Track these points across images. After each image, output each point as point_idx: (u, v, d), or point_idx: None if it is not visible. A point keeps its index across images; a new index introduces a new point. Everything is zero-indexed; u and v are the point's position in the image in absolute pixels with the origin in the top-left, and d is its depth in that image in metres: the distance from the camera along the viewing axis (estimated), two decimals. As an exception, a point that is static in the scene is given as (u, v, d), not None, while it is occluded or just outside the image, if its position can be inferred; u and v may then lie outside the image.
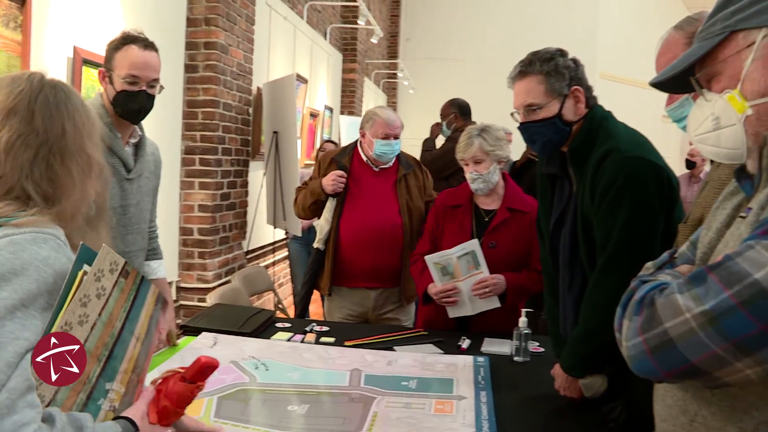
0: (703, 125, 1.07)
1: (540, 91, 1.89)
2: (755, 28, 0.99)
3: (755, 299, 0.82)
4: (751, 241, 0.86)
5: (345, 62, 8.51)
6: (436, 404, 1.87)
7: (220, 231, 4.33)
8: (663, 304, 0.90)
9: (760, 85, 0.98)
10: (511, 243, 2.66)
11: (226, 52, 4.26)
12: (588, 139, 1.87)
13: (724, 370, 0.86)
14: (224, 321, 2.54)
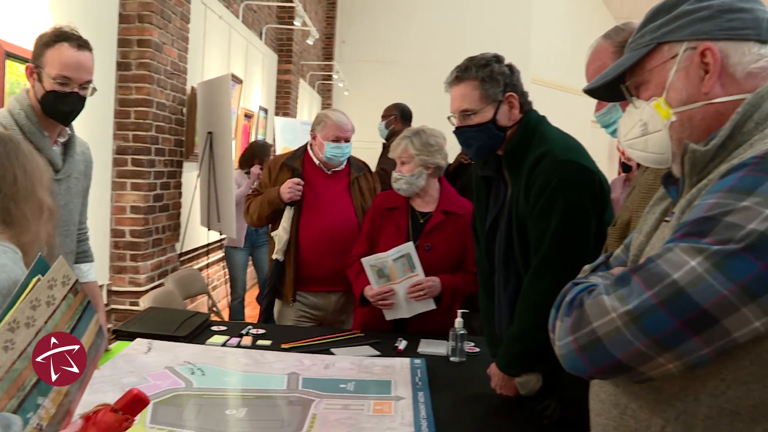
0: (632, 131, 1.13)
1: (475, 96, 1.93)
2: (678, 41, 1.05)
3: (673, 298, 0.86)
4: (670, 244, 0.91)
5: (280, 63, 8.44)
6: (374, 405, 1.88)
7: (153, 233, 4.24)
8: (591, 305, 0.94)
9: (683, 94, 1.04)
10: (446, 245, 2.70)
11: (160, 50, 4.17)
12: (523, 143, 1.91)
13: (648, 365, 0.90)
14: (158, 325, 2.49)
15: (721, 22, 1.02)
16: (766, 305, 0.84)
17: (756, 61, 1.02)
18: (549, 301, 1.11)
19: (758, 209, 0.85)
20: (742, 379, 0.89)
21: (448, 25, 11.61)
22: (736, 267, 0.84)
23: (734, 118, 0.99)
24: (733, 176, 0.90)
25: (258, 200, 3.15)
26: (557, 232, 1.78)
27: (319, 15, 11.10)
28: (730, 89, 1.02)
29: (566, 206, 1.78)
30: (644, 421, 0.98)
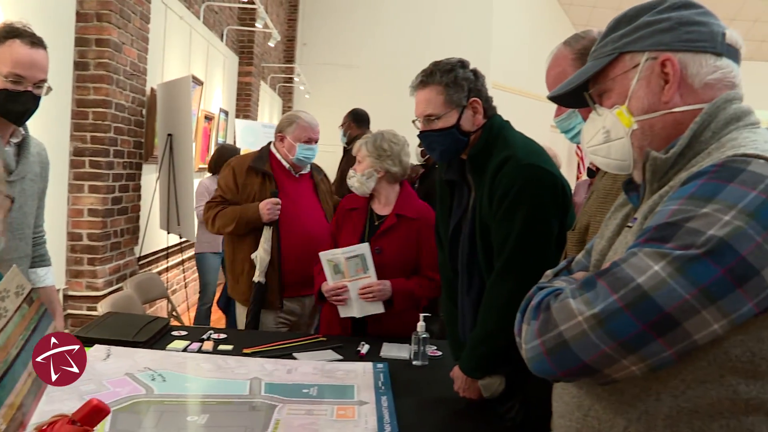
0: (595, 138, 1.16)
1: (439, 101, 1.95)
2: (640, 51, 1.09)
3: (638, 302, 0.89)
4: (634, 249, 0.94)
5: (241, 65, 8.37)
6: (338, 410, 1.88)
7: (112, 236, 4.16)
8: (558, 309, 0.97)
9: (644, 103, 1.08)
10: (398, 249, 2.71)
11: (119, 50, 4.10)
12: (487, 147, 1.94)
13: (613, 367, 0.93)
14: (117, 330, 2.45)
15: (680, 34, 1.06)
16: (724, 308, 0.87)
17: (712, 72, 1.06)
18: (512, 303, 1.12)
19: (717, 216, 0.88)
20: (700, 379, 0.92)
21: (409, 30, 11.67)
22: (697, 271, 0.87)
23: (692, 128, 1.02)
24: (694, 183, 0.93)
25: (229, 215, 3.02)
26: (520, 235, 1.80)
27: (280, 17, 11.05)
28: (688, 99, 1.06)
29: (529, 210, 1.80)
30: (607, 422, 1.00)
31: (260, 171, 3.06)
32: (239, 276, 3.09)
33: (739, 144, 0.98)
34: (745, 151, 0.94)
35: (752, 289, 0.87)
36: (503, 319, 1.48)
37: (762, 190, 0.88)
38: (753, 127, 1.04)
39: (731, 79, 1.07)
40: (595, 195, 1.63)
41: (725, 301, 0.87)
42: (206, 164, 6.54)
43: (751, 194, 0.88)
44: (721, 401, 0.92)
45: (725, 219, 0.87)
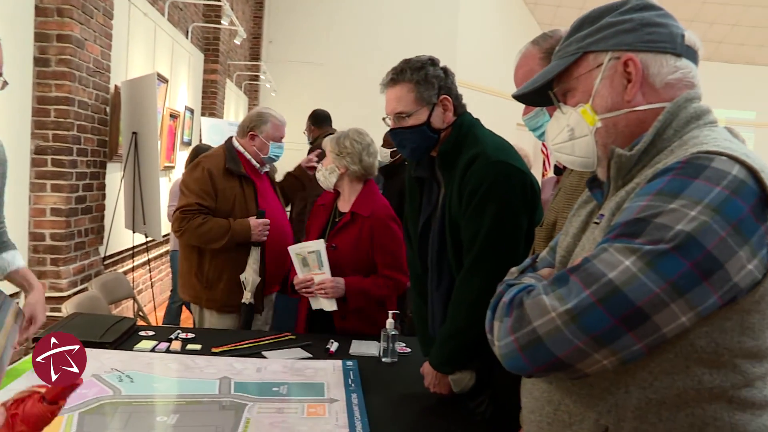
0: (560, 135, 1.18)
1: (410, 99, 1.97)
2: (603, 51, 1.11)
3: (610, 296, 0.92)
4: (604, 245, 0.96)
5: (207, 63, 8.28)
6: (308, 408, 1.89)
7: (75, 236, 4.08)
8: (531, 305, 0.98)
9: (607, 101, 1.11)
10: (352, 246, 2.74)
11: (81, 46, 4.02)
12: (456, 144, 1.96)
13: (585, 362, 0.95)
14: (83, 331, 2.41)
15: (642, 34, 1.09)
16: (691, 301, 0.90)
17: (672, 72, 1.09)
18: (481, 299, 1.14)
19: (684, 211, 0.91)
20: (667, 371, 0.95)
21: (375, 28, 11.68)
22: (666, 266, 0.90)
23: (656, 126, 1.06)
24: (661, 180, 0.96)
25: (216, 231, 2.90)
26: (489, 231, 1.82)
27: (246, 14, 10.96)
28: (650, 98, 1.09)
29: (498, 206, 1.82)
30: (578, 415, 1.03)
31: (237, 173, 3.00)
32: (214, 282, 2.98)
33: (700, 141, 1.01)
34: (707, 149, 0.97)
35: (717, 282, 0.90)
36: (473, 315, 1.50)
37: (725, 186, 0.91)
38: (712, 126, 1.08)
39: (690, 79, 1.11)
40: (562, 192, 1.66)
41: (692, 294, 0.90)
42: (171, 162, 6.49)
43: (715, 190, 0.91)
44: (687, 391, 0.95)
45: (692, 214, 0.90)
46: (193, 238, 2.93)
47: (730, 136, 1.06)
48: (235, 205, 2.97)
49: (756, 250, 0.91)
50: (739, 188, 0.92)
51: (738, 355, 0.95)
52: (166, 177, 6.33)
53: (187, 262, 3.05)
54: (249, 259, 2.96)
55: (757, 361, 0.97)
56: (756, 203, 0.92)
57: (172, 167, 6.60)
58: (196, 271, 3.01)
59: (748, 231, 0.91)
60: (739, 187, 0.92)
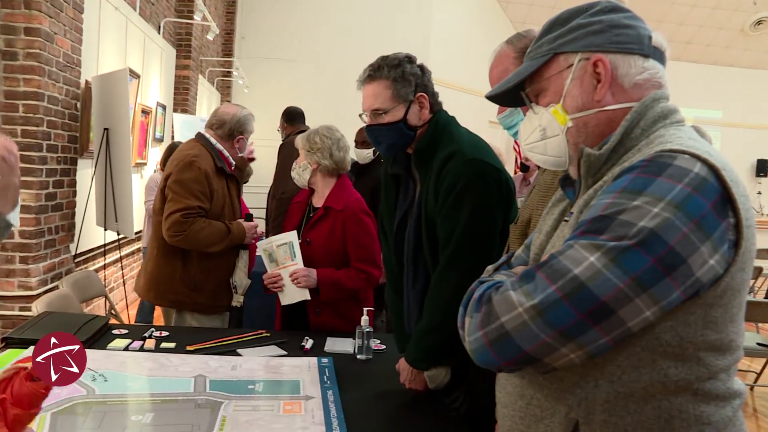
0: (532, 135, 1.21)
1: (387, 96, 1.98)
2: (573, 52, 1.14)
3: (575, 292, 0.94)
4: (570, 241, 0.98)
5: (179, 58, 8.19)
6: (284, 405, 1.89)
7: (46, 234, 4.03)
8: (499, 301, 1.00)
9: (578, 101, 1.13)
10: (324, 240, 2.78)
11: (51, 40, 3.96)
12: (432, 142, 1.97)
13: (553, 356, 0.97)
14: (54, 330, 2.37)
15: (611, 36, 1.12)
16: (655, 296, 0.93)
17: (640, 73, 1.12)
18: (458, 295, 1.16)
19: (647, 208, 0.93)
20: (634, 365, 0.98)
21: (348, 24, 11.65)
22: (629, 261, 0.92)
23: (624, 125, 1.08)
24: (625, 178, 0.99)
25: (217, 235, 2.88)
26: (465, 229, 1.84)
27: (218, 10, 10.87)
28: (619, 98, 1.12)
29: (474, 204, 1.84)
30: (549, 409, 1.05)
31: (225, 173, 3.03)
32: (202, 285, 2.94)
33: (666, 140, 1.03)
34: (671, 147, 0.99)
35: (680, 277, 0.93)
36: (449, 312, 1.50)
37: (687, 183, 0.94)
38: (678, 125, 1.10)
39: (658, 80, 1.14)
40: (536, 190, 1.68)
41: (656, 289, 0.92)
42: (143, 159, 6.42)
43: (677, 187, 0.94)
44: (654, 384, 0.98)
45: (654, 211, 0.93)
46: (192, 242, 2.85)
47: (696, 134, 1.09)
48: (224, 206, 2.98)
49: (717, 246, 0.94)
50: (701, 185, 0.94)
51: (702, 348, 0.98)
52: (138, 174, 6.26)
53: (168, 267, 2.94)
54: (239, 262, 2.98)
55: (720, 354, 1.00)
56: (717, 200, 0.95)
57: (144, 164, 6.53)
58: (181, 275, 2.93)
59: (710, 227, 0.94)
60: (701, 184, 0.94)
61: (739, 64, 15.28)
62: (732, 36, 14.54)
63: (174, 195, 2.86)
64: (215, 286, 2.97)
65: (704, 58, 15.07)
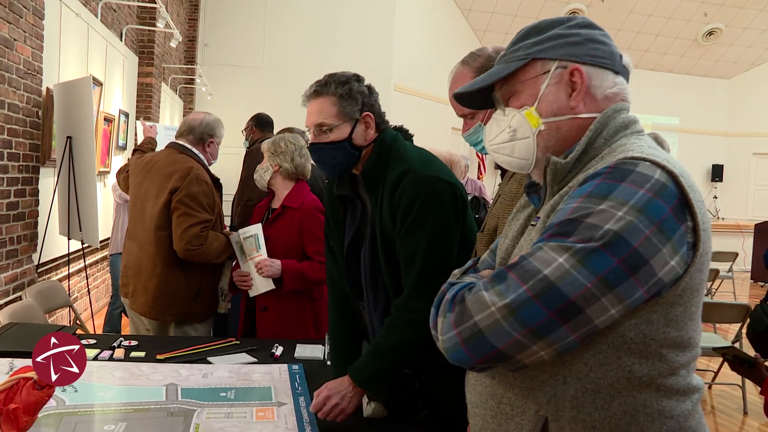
0: (499, 136, 1.25)
1: (332, 112, 1.91)
2: (551, 59, 1.20)
3: (545, 291, 0.98)
4: (540, 243, 1.03)
5: (141, 65, 8.11)
6: (257, 412, 1.90)
7: (7, 243, 3.95)
8: (472, 301, 1.04)
9: (553, 106, 1.18)
10: (282, 236, 2.95)
11: (10, 47, 3.89)
12: (380, 162, 1.92)
13: (524, 353, 1.01)
14: (21, 342, 2.35)
15: (588, 49, 1.19)
16: (620, 295, 0.98)
17: (612, 86, 1.19)
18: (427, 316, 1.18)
19: (612, 212, 0.99)
20: (601, 362, 1.03)
21: (312, 31, 11.65)
22: (596, 262, 0.97)
23: (588, 135, 1.14)
24: (591, 183, 1.04)
25: (223, 246, 2.99)
26: (427, 248, 1.80)
27: (181, 17, 10.78)
28: (590, 107, 1.18)
29: (434, 222, 1.80)
30: (519, 407, 1.09)
31: (216, 182, 3.10)
32: (201, 294, 3.02)
33: (627, 149, 1.09)
34: (633, 155, 1.05)
35: (643, 277, 0.98)
36: (421, 332, 1.47)
37: (649, 189, 1.00)
38: (639, 134, 1.16)
39: (625, 95, 1.21)
40: (501, 199, 1.73)
41: (621, 288, 0.98)
42: (106, 167, 6.34)
43: (640, 192, 1.00)
44: (619, 380, 1.03)
45: (619, 214, 0.98)
46: (205, 254, 2.92)
47: (655, 143, 1.16)
48: (218, 216, 3.08)
49: (677, 248, 1.00)
50: (661, 190, 1.00)
51: (664, 345, 1.03)
52: (101, 182, 6.18)
53: (174, 280, 2.95)
54: (224, 269, 3.07)
55: (681, 350, 1.05)
56: (676, 204, 1.01)
57: (107, 172, 6.44)
58: (185, 286, 2.97)
59: (670, 230, 0.99)
60: (661, 189, 1.00)
61: (695, 72, 15.72)
62: (686, 45, 14.96)
63: (188, 210, 2.89)
64: (210, 294, 3.07)
65: (661, 66, 15.46)
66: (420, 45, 12.19)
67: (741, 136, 15.76)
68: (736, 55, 15.27)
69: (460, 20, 13.57)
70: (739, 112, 15.82)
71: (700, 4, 13.85)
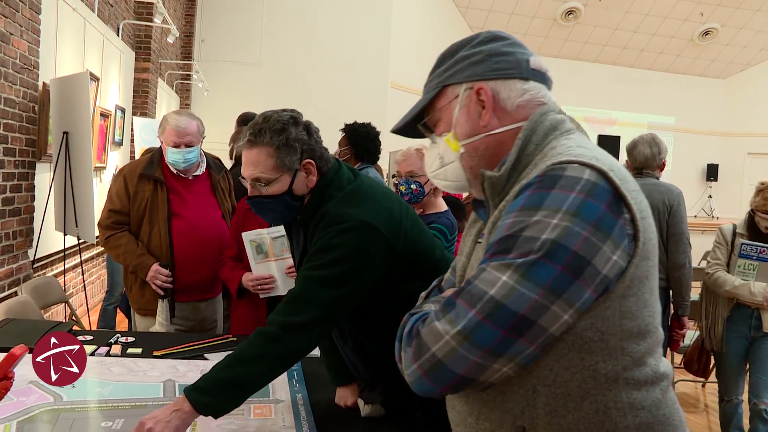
0: (434, 164, 1.29)
1: (269, 165, 1.79)
2: (459, 83, 1.23)
3: (494, 311, 1.00)
4: (483, 265, 1.05)
5: (138, 61, 8.09)
6: (254, 409, 1.90)
7: (3, 239, 3.94)
8: (426, 333, 1.05)
9: (466, 128, 1.22)
10: None
11: (7, 41, 3.88)
12: (319, 207, 1.83)
13: (486, 373, 1.03)
14: (17, 337, 2.35)
15: (491, 64, 1.21)
16: (569, 299, 0.99)
17: (521, 95, 1.21)
18: None
19: (547, 221, 1.00)
20: (565, 366, 1.04)
21: (309, 27, 11.66)
22: (538, 273, 0.99)
23: (517, 144, 1.16)
24: (523, 196, 1.05)
25: (121, 257, 2.98)
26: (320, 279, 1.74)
27: (178, 12, 10.76)
28: (504, 120, 1.20)
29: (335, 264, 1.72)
30: (497, 421, 1.10)
31: (151, 177, 2.96)
32: (132, 285, 3.06)
33: (557, 152, 1.10)
34: (561, 159, 1.06)
35: (588, 277, 0.99)
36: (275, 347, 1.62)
37: (579, 191, 1.01)
38: (568, 134, 1.18)
39: (540, 99, 1.22)
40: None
41: (568, 294, 0.99)
42: (103, 163, 6.33)
43: (571, 196, 1.01)
44: (586, 380, 1.04)
45: (554, 222, 0.99)
46: (109, 247, 3.07)
47: (586, 141, 1.17)
48: (146, 208, 2.97)
49: (618, 242, 1.01)
50: (592, 190, 1.01)
51: (623, 338, 1.04)
52: (97, 178, 6.17)
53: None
54: (158, 308, 2.95)
55: (641, 339, 1.06)
56: (611, 200, 1.02)
57: (104, 168, 6.43)
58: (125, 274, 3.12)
59: (608, 227, 1.01)
60: (592, 189, 1.01)
61: (690, 72, 15.77)
62: (682, 45, 15.00)
63: None
64: None
65: (657, 65, 15.50)
66: (417, 42, 12.19)
67: (736, 136, 15.82)
68: (732, 55, 15.32)
69: (457, 17, 13.59)
70: (734, 112, 15.88)
71: (697, 4, 13.89)
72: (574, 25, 14.24)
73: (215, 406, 1.65)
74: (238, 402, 1.68)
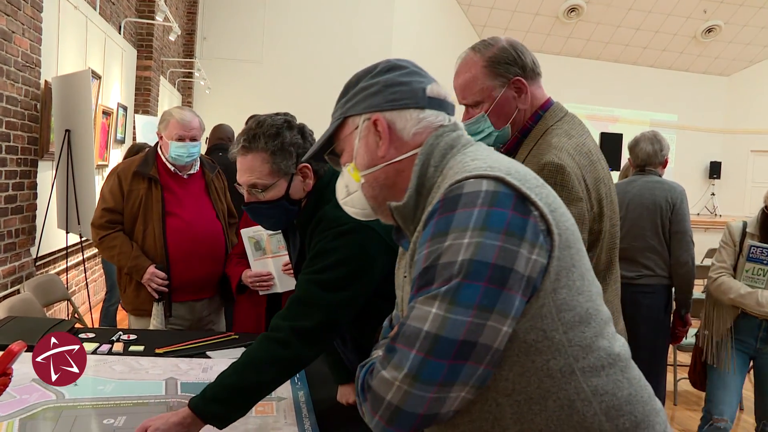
0: (342, 192, 1.30)
1: (265, 170, 1.79)
2: (358, 114, 1.23)
3: (433, 346, 0.99)
4: (411, 303, 1.04)
5: (140, 59, 8.10)
6: (256, 407, 1.89)
7: (5, 237, 3.95)
8: (377, 384, 1.05)
9: (365, 159, 1.22)
10: None
11: (9, 39, 3.88)
12: (316, 211, 1.84)
13: (446, 405, 1.02)
14: (19, 335, 2.34)
15: (387, 95, 1.22)
16: (502, 311, 0.99)
17: (417, 123, 1.21)
18: None
19: (459, 242, 1.00)
20: (519, 372, 1.04)
21: (311, 25, 11.66)
22: (465, 296, 0.98)
23: (415, 170, 1.16)
24: (431, 224, 1.05)
25: (116, 258, 2.95)
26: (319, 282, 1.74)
27: (180, 10, 10.76)
28: (402, 150, 1.21)
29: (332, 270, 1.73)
30: None
31: (146, 175, 2.94)
32: (126, 286, 3.04)
33: (454, 172, 1.10)
34: (457, 178, 1.06)
35: (514, 284, 0.99)
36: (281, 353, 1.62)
37: (482, 204, 1.01)
38: (464, 149, 1.18)
39: (437, 125, 1.22)
40: None
41: (500, 305, 0.99)
42: (105, 161, 6.34)
43: (474, 211, 1.01)
44: (543, 381, 1.04)
45: (465, 242, 0.99)
46: (102, 248, 3.05)
47: (482, 150, 1.17)
48: (140, 207, 2.95)
49: (534, 241, 1.01)
50: (494, 199, 1.01)
51: (566, 330, 1.04)
52: (99, 176, 6.17)
53: None
54: (153, 311, 2.93)
55: (584, 325, 1.06)
56: (516, 203, 1.02)
57: (105, 165, 6.44)
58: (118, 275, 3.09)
59: (519, 229, 1.00)
60: (494, 198, 1.01)
61: (693, 69, 15.74)
62: (685, 42, 14.97)
63: None
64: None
65: (660, 62, 15.47)
66: (419, 40, 12.19)
67: (739, 133, 15.79)
68: (735, 52, 15.29)
69: (460, 15, 13.57)
70: (737, 110, 15.85)
71: (700, 2, 13.86)
72: (577, 22, 14.22)
73: (224, 415, 1.61)
74: (246, 409, 1.67)
